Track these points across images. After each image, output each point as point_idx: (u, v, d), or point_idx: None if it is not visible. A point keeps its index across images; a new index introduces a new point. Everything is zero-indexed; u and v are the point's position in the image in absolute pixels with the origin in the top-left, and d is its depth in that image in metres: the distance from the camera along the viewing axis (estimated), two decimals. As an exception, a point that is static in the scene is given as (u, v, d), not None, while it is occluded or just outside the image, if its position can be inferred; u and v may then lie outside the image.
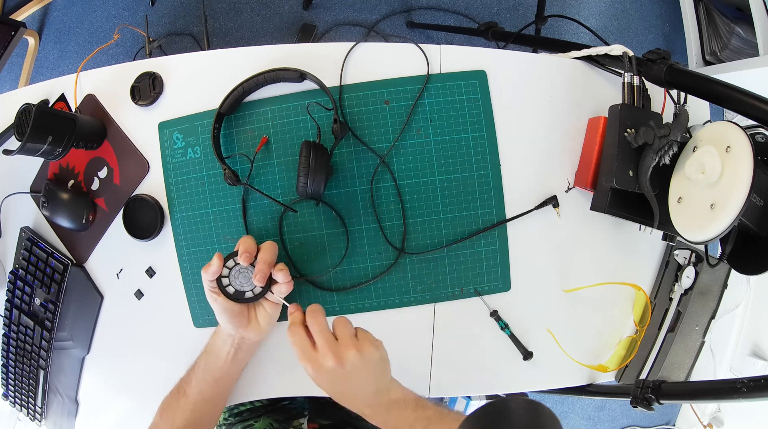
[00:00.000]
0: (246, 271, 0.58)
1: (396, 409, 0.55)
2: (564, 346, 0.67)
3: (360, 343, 0.53)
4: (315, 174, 0.57)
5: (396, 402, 0.55)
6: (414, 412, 0.54)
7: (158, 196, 0.66)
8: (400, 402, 0.55)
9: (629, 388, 0.62)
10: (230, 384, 0.65)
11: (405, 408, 0.55)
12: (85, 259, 0.70)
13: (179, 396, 0.61)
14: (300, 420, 0.74)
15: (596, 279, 0.67)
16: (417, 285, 0.65)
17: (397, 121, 0.63)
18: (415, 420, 0.53)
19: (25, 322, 0.72)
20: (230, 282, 0.58)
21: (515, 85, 0.65)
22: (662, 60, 0.56)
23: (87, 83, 0.68)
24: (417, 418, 0.53)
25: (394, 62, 0.63)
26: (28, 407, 0.76)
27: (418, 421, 0.53)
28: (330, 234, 0.64)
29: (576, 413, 1.72)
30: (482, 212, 0.64)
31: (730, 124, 0.51)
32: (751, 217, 0.51)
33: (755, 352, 1.18)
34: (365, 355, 0.52)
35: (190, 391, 0.61)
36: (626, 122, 0.57)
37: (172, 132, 0.66)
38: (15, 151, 0.58)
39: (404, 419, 0.54)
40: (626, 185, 0.57)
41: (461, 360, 0.67)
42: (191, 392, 0.61)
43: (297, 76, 0.60)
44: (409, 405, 0.55)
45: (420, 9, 1.57)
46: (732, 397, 0.48)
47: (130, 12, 1.56)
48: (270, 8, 1.55)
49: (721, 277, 0.70)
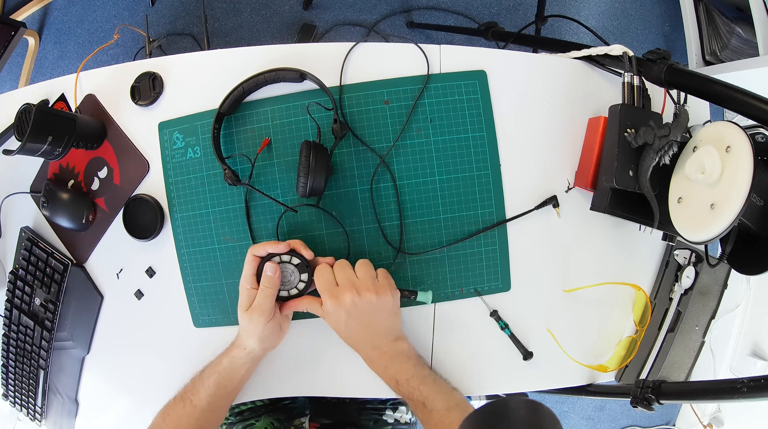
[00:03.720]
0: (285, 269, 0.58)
1: (398, 361, 0.58)
2: (564, 346, 0.67)
3: (379, 286, 0.58)
4: (315, 174, 0.57)
5: (400, 353, 0.59)
6: (413, 368, 0.58)
7: (158, 196, 0.66)
8: (404, 354, 0.59)
9: (629, 388, 0.62)
10: (239, 392, 0.65)
11: (407, 361, 0.59)
12: (85, 259, 0.70)
13: (185, 405, 0.60)
14: (301, 419, 0.74)
15: (596, 279, 0.67)
16: (417, 285, 0.65)
17: (397, 121, 0.63)
18: (413, 375, 0.57)
19: (25, 322, 0.72)
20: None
21: (515, 85, 0.65)
22: (662, 60, 0.56)
23: (87, 83, 0.68)
24: (414, 374, 0.57)
25: (394, 62, 0.63)
26: (28, 407, 0.76)
27: (414, 376, 0.57)
28: (330, 234, 0.64)
29: (576, 413, 1.72)
30: (482, 212, 0.64)
31: (730, 124, 0.51)
32: (751, 217, 0.51)
33: (755, 352, 1.18)
34: (381, 298, 0.57)
35: (198, 402, 0.60)
36: (626, 122, 0.57)
37: (172, 132, 0.66)
38: (15, 151, 0.58)
39: (403, 371, 0.58)
40: (626, 185, 0.57)
41: (461, 360, 0.67)
42: (199, 403, 0.60)
43: (297, 76, 0.60)
44: (411, 359, 0.59)
45: (420, 9, 1.57)
46: (732, 397, 0.48)
47: (130, 12, 1.56)
48: (270, 8, 1.55)
49: (721, 277, 0.70)
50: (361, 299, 0.56)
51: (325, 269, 0.58)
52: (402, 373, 0.58)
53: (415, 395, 0.56)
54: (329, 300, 0.57)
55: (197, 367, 0.65)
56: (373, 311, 0.57)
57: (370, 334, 0.59)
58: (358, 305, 0.56)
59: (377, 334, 0.59)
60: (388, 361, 0.59)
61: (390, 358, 0.59)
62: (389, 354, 0.59)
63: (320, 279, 0.58)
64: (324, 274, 0.58)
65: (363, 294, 0.56)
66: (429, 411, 0.55)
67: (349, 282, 0.57)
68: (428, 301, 0.63)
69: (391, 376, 0.58)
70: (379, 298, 0.57)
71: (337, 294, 0.56)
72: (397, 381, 0.58)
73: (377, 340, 0.59)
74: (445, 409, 0.55)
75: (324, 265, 0.59)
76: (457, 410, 0.54)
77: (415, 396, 0.56)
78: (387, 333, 0.59)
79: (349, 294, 0.56)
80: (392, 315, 0.60)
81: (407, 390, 0.57)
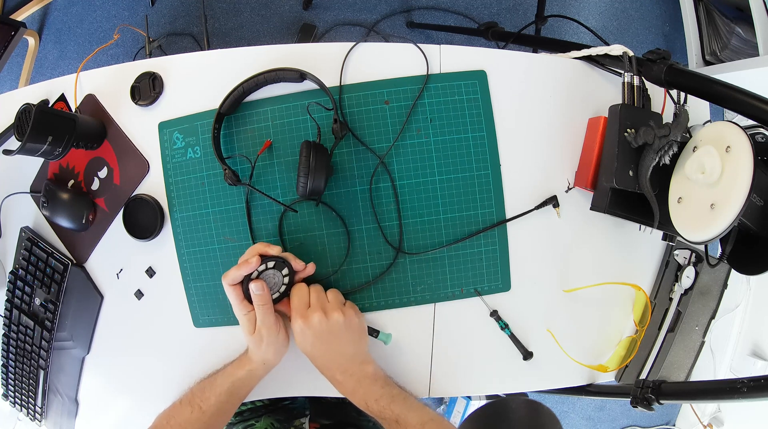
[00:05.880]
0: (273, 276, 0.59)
1: (366, 383, 0.59)
2: (564, 346, 0.67)
3: (346, 309, 0.60)
4: (315, 174, 0.57)
5: (367, 376, 0.59)
6: (381, 389, 0.58)
7: (158, 196, 0.66)
8: (371, 377, 0.60)
9: (629, 388, 0.62)
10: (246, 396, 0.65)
11: (374, 383, 0.59)
12: (85, 259, 0.70)
13: (192, 409, 0.60)
14: (301, 420, 0.74)
15: (596, 279, 0.67)
16: (417, 285, 0.65)
17: (397, 121, 0.63)
18: (381, 395, 0.58)
19: (25, 322, 0.72)
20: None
21: (515, 85, 0.65)
22: (662, 60, 0.56)
23: (87, 83, 0.68)
24: (383, 394, 0.58)
25: (394, 62, 0.63)
26: (28, 407, 0.76)
27: (383, 396, 0.57)
28: (330, 234, 0.64)
29: (576, 413, 1.72)
30: (482, 212, 0.64)
31: (730, 124, 0.51)
32: (751, 217, 0.51)
33: (755, 352, 1.18)
34: (348, 319, 0.59)
35: (207, 408, 0.60)
36: (626, 122, 0.57)
37: (172, 132, 0.66)
38: (15, 151, 0.58)
39: (371, 393, 0.58)
40: (626, 185, 0.57)
41: (461, 360, 0.67)
42: (208, 409, 0.60)
43: (297, 76, 0.60)
44: (378, 381, 0.59)
45: (420, 9, 1.57)
46: (732, 397, 0.48)
47: (130, 12, 1.56)
48: (270, 8, 1.55)
49: (721, 277, 0.70)
50: (329, 320, 0.57)
51: (302, 289, 0.60)
52: (371, 394, 0.58)
53: (387, 414, 0.56)
54: (298, 320, 0.57)
55: (197, 367, 0.65)
56: (340, 332, 0.58)
57: (337, 357, 0.59)
58: (324, 325, 0.57)
59: (344, 357, 0.59)
60: (356, 383, 0.59)
61: (357, 380, 0.59)
62: (356, 377, 0.59)
63: (295, 298, 0.59)
64: (300, 293, 0.59)
65: (330, 315, 0.57)
66: (403, 427, 0.55)
67: (320, 303, 0.59)
68: (387, 343, 0.64)
69: (361, 397, 0.59)
70: (345, 320, 0.58)
71: (307, 314, 0.57)
72: (366, 402, 0.58)
73: (345, 364, 0.59)
74: (419, 423, 0.55)
75: (302, 284, 0.60)
76: (431, 424, 0.54)
77: (387, 415, 0.56)
78: (354, 356, 0.60)
79: (317, 315, 0.57)
80: (358, 338, 0.60)
81: (377, 410, 0.57)
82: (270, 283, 0.58)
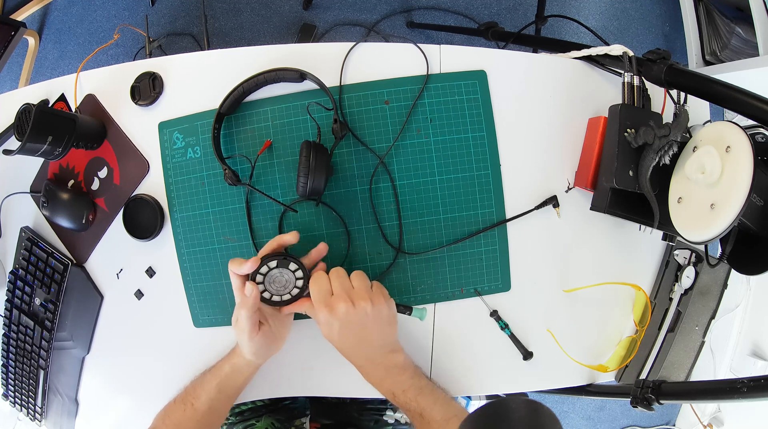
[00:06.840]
0: (280, 275, 0.57)
1: (395, 372, 0.57)
2: (564, 346, 0.67)
3: (374, 295, 0.56)
4: (315, 174, 0.57)
5: (396, 366, 0.58)
6: (410, 380, 0.57)
7: (158, 196, 0.66)
8: (400, 366, 0.58)
9: (629, 388, 0.62)
10: (239, 394, 0.65)
11: (402, 373, 0.57)
12: (85, 259, 0.70)
13: (185, 407, 0.60)
14: (302, 419, 0.74)
15: (596, 279, 0.67)
16: (417, 285, 0.65)
17: (397, 121, 0.63)
18: (409, 387, 0.56)
19: (25, 322, 0.72)
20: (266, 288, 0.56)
21: (515, 85, 0.65)
22: (662, 60, 0.56)
23: (87, 83, 0.68)
24: (411, 386, 0.56)
25: (394, 62, 0.63)
26: (28, 407, 0.76)
27: (411, 387, 0.56)
28: (330, 234, 0.64)
29: (576, 413, 1.72)
30: (482, 212, 0.64)
31: (730, 124, 0.51)
32: (751, 217, 0.51)
33: (755, 352, 1.18)
34: (377, 307, 0.55)
35: (199, 405, 0.60)
36: (626, 122, 0.57)
37: (172, 132, 0.66)
38: (15, 151, 0.58)
39: (399, 383, 0.57)
40: (626, 185, 0.57)
41: (461, 360, 0.67)
42: (200, 406, 0.60)
43: (297, 76, 0.60)
44: (407, 371, 0.58)
45: (420, 9, 1.57)
46: (732, 397, 0.48)
47: (130, 12, 1.56)
48: (270, 8, 1.55)
49: (721, 277, 0.70)
50: (356, 309, 0.53)
51: (321, 277, 0.56)
52: (398, 384, 0.57)
53: (412, 406, 0.56)
54: (323, 310, 0.54)
55: (197, 367, 0.65)
56: (368, 322, 0.55)
57: (364, 347, 0.57)
58: (352, 316, 0.54)
59: (372, 347, 0.57)
60: (384, 373, 0.57)
61: (386, 370, 0.57)
62: (384, 366, 0.57)
63: (315, 287, 0.56)
64: (319, 282, 0.56)
65: (358, 303, 0.54)
66: (427, 422, 0.55)
67: (344, 291, 0.55)
68: (422, 318, 0.61)
69: (388, 388, 0.57)
70: (374, 308, 0.54)
71: (332, 303, 0.54)
72: (393, 393, 0.57)
73: (372, 353, 0.57)
74: (443, 419, 0.54)
75: (320, 272, 0.57)
76: (455, 420, 0.54)
77: (412, 407, 0.56)
78: (382, 345, 0.57)
79: (343, 303, 0.53)
80: (387, 326, 0.57)
81: (404, 401, 0.56)
82: (280, 284, 0.56)
